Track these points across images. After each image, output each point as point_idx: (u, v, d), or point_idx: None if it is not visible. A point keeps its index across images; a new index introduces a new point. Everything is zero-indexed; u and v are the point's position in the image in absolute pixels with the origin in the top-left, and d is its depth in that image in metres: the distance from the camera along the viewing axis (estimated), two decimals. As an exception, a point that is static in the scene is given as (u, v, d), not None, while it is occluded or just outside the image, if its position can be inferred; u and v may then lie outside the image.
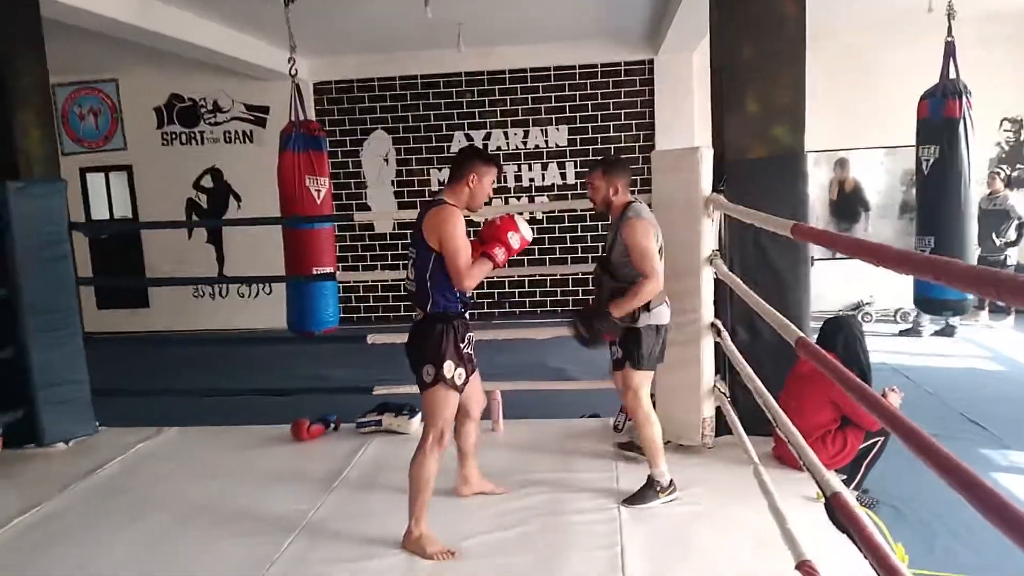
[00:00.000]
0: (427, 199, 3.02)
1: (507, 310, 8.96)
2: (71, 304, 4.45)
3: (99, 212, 9.37)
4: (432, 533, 2.96)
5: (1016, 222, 7.05)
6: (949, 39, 4.46)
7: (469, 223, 3.02)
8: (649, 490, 3.31)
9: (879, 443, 3.51)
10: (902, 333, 7.35)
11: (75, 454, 4.35)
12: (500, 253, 2.91)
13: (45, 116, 4.59)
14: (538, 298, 9.02)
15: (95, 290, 9.26)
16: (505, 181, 8.82)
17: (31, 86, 4.48)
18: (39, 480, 3.95)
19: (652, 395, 4.10)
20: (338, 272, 4.98)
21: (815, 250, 7.15)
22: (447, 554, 2.91)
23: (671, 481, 3.32)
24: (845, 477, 3.47)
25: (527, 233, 2.98)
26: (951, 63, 4.45)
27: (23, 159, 4.40)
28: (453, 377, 2.91)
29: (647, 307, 3.28)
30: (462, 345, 2.96)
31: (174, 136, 9.23)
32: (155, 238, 9.35)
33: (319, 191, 4.89)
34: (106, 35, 5.92)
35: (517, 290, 8.99)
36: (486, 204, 3.08)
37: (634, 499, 3.30)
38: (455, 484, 3.42)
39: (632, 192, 3.40)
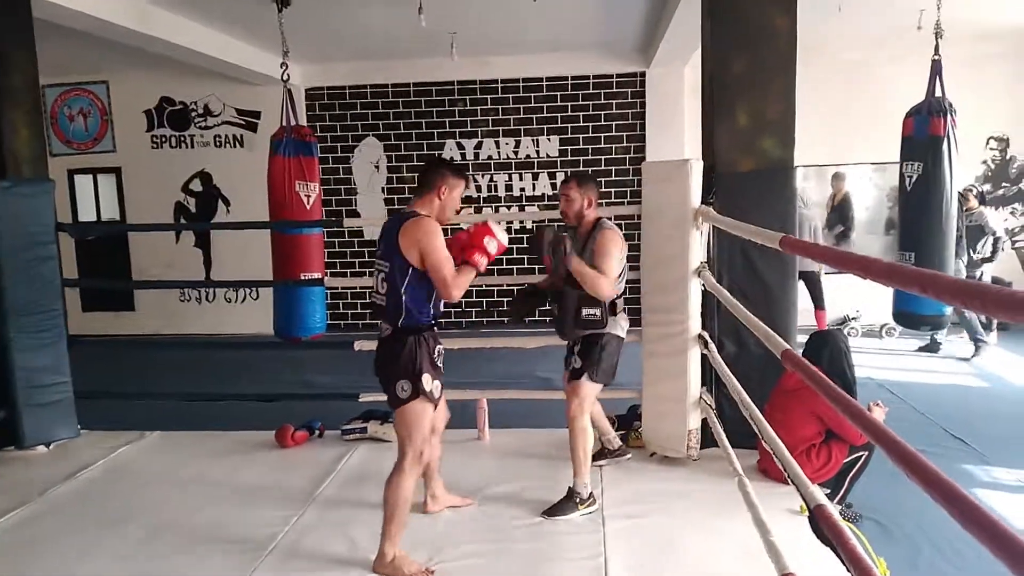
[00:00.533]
0: (398, 211, 2.97)
1: (495, 319, 8.95)
2: (56, 305, 4.42)
3: (86, 214, 9.30)
4: (406, 554, 2.89)
5: (991, 238, 7.12)
6: (936, 57, 4.50)
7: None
8: (569, 502, 3.34)
9: (863, 457, 3.52)
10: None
11: (55, 457, 4.30)
12: (482, 260, 2.88)
13: (34, 116, 4.57)
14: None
15: (80, 292, 9.18)
16: (495, 190, 8.83)
17: (21, 86, 4.46)
18: (18, 483, 3.91)
19: (637, 407, 4.13)
20: (326, 278, 4.95)
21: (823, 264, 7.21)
22: (425, 573, 2.85)
23: (591, 494, 3.37)
24: (829, 491, 3.48)
25: (503, 237, 2.95)
26: (937, 81, 4.50)
27: (11, 159, 4.37)
28: (432, 390, 2.87)
29: (613, 311, 3.38)
30: (435, 357, 2.92)
31: (164, 139, 9.19)
32: (142, 241, 9.29)
33: (309, 196, 4.88)
34: (98, 37, 5.89)
35: (505, 299, 8.98)
36: (476, 212, 3.08)
37: (553, 510, 3.33)
38: (422, 501, 3.34)
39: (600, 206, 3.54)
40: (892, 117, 5.26)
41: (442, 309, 2.97)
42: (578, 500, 3.32)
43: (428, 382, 2.86)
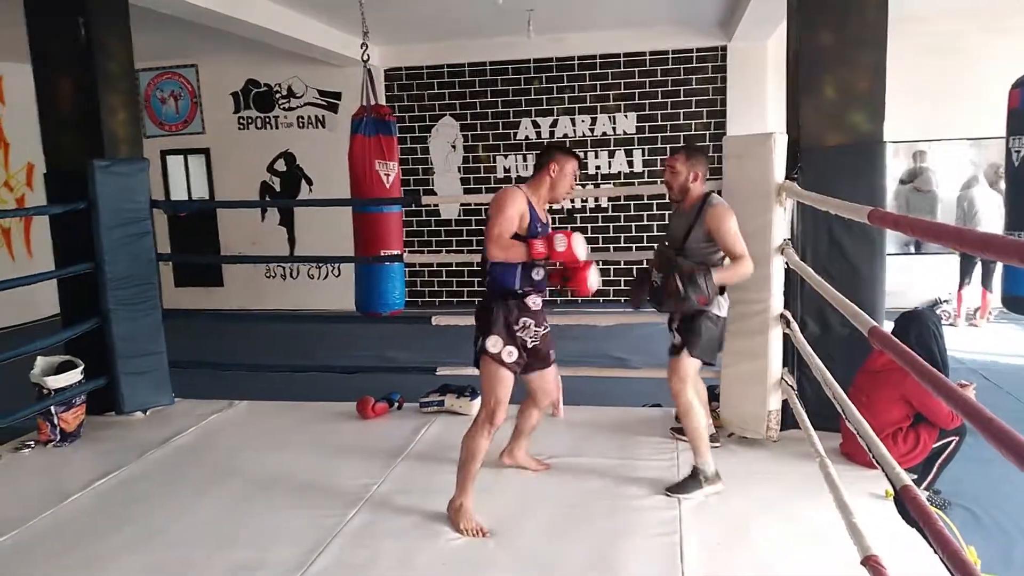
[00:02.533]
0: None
1: (569, 298, 8.92)
2: (151, 279, 4.63)
3: (178, 194, 9.71)
4: (471, 508, 3.00)
5: None
6: (1044, 23, 4.24)
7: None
8: (693, 480, 3.28)
9: (954, 443, 3.38)
10: None
11: (152, 423, 4.54)
12: (538, 245, 2.93)
13: (130, 99, 4.78)
14: (601, 286, 8.95)
15: (173, 269, 9.62)
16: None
17: (119, 71, 4.66)
18: (118, 446, 4.14)
19: (715, 387, 4.08)
20: (404, 255, 5.04)
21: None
22: (479, 532, 2.95)
23: (716, 472, 3.30)
24: (916, 477, 3.35)
25: (578, 249, 2.99)
26: (1046, 49, 4.23)
27: (109, 139, 4.59)
28: (501, 353, 2.98)
29: (721, 291, 3.30)
30: (515, 327, 3.02)
31: (250, 120, 9.48)
32: (230, 219, 9.64)
33: (388, 175, 4.95)
34: (187, 21, 6.12)
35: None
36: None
37: (678, 488, 3.29)
38: (499, 452, 3.52)
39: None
40: (989, 90, 4.99)
41: (536, 280, 3.08)
42: (703, 479, 3.27)
43: (496, 344, 2.98)
